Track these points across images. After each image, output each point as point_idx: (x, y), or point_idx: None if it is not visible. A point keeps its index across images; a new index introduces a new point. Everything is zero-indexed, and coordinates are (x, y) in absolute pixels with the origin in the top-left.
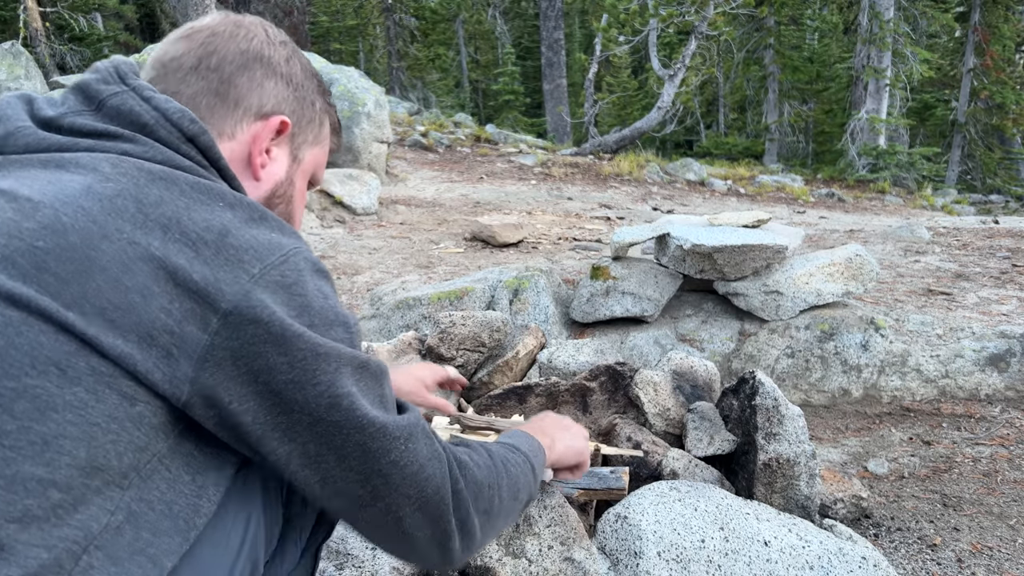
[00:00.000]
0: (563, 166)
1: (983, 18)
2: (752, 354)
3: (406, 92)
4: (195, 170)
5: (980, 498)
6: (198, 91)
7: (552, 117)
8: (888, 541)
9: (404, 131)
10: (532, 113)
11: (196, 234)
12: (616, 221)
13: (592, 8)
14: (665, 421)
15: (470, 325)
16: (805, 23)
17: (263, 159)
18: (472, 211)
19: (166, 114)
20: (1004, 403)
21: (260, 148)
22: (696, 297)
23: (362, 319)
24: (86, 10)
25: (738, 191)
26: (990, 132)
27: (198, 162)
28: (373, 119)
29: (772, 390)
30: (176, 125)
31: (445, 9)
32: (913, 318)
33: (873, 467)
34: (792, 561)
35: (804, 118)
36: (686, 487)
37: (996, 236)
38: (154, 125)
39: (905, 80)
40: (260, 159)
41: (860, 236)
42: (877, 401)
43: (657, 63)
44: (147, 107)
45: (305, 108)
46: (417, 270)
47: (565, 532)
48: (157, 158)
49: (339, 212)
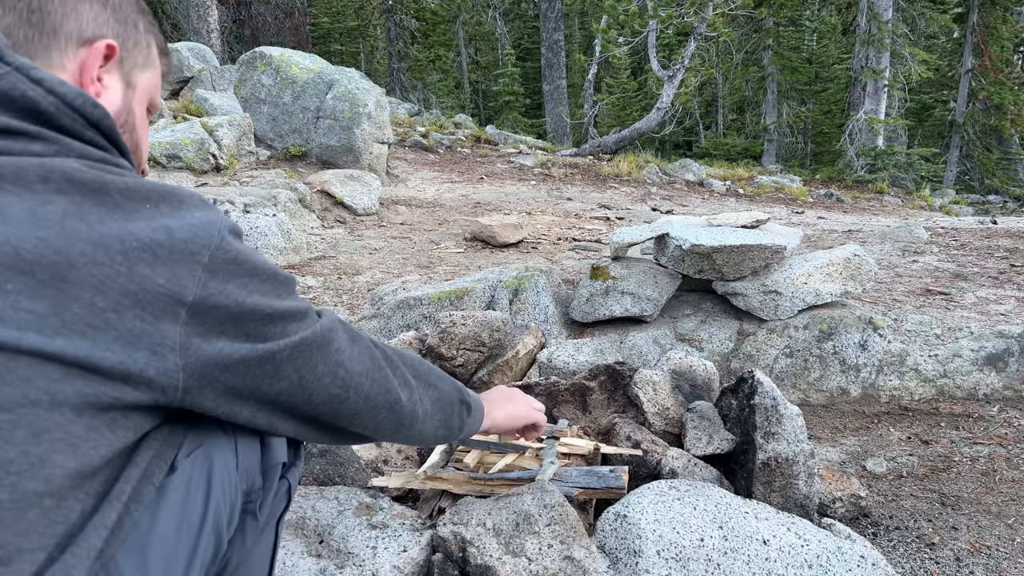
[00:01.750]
0: (563, 167)
1: (981, 19)
2: (751, 354)
3: (407, 93)
4: (108, 160)
5: (978, 497)
6: (11, 24)
7: (552, 118)
8: (887, 540)
9: (405, 132)
10: (532, 114)
11: (147, 242)
12: (615, 221)
13: (592, 10)
14: (664, 420)
15: (470, 325)
16: (804, 24)
17: (96, 87)
18: (472, 211)
19: (64, 99)
20: (1002, 403)
21: (91, 77)
22: (695, 297)
23: (363, 319)
24: None
25: (737, 191)
26: (988, 133)
27: (104, 147)
28: (374, 120)
29: (771, 389)
30: (79, 111)
31: (445, 10)
32: (911, 318)
33: (871, 466)
34: (791, 560)
35: (803, 119)
36: (685, 486)
37: (994, 236)
38: (55, 113)
39: (903, 81)
40: (93, 88)
41: (858, 236)
42: (875, 400)
43: (656, 64)
44: (41, 91)
45: (128, 30)
46: (417, 270)
47: (564, 531)
48: (71, 155)
49: (340, 212)
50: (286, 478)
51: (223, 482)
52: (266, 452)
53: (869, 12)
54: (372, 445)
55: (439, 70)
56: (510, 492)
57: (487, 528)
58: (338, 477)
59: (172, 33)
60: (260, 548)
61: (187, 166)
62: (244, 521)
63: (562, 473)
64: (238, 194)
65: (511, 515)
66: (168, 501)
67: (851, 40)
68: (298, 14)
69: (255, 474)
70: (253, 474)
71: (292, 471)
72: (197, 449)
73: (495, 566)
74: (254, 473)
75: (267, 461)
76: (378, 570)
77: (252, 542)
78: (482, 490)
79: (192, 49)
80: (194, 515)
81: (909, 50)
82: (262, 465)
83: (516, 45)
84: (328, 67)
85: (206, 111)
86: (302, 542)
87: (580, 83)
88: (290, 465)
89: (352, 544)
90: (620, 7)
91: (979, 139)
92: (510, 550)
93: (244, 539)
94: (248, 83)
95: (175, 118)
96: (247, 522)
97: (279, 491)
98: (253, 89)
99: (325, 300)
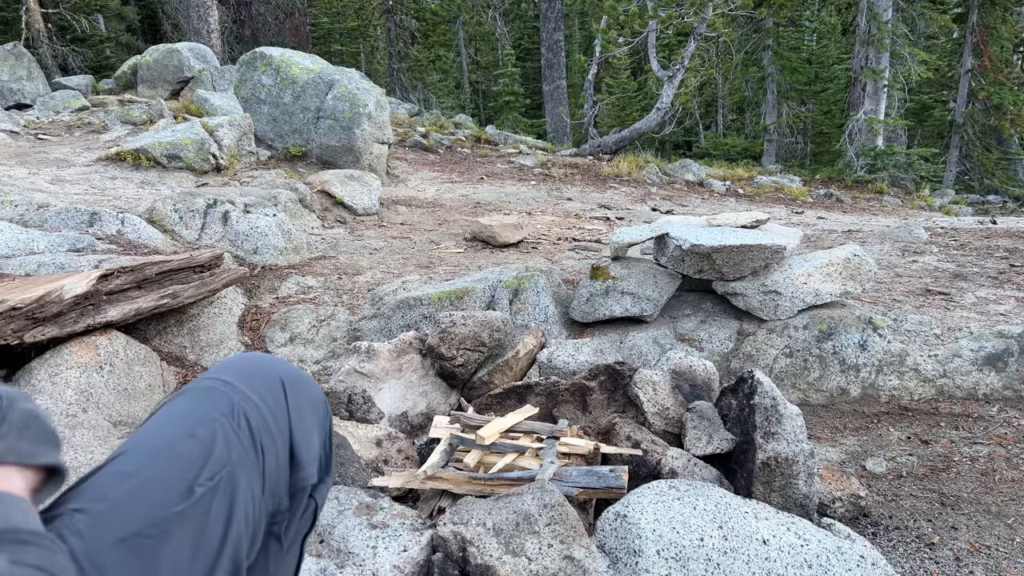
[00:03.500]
0: (563, 167)
1: (981, 19)
2: (751, 353)
3: (407, 93)
4: None
5: (978, 497)
6: None
7: (552, 118)
8: (886, 540)
9: (405, 132)
10: (532, 114)
11: None
12: (615, 221)
13: (592, 10)
14: (664, 420)
15: (470, 325)
16: (804, 24)
17: None
18: (472, 211)
19: None
20: (1002, 402)
21: None
22: (695, 297)
23: (363, 319)
24: (88, 11)
25: (737, 191)
26: (988, 133)
27: None
28: (374, 120)
29: (770, 389)
30: None
31: (445, 11)
32: (911, 318)
33: (871, 466)
34: (791, 559)
35: (802, 119)
36: (685, 486)
37: (994, 236)
38: None
39: (903, 81)
40: None
41: (858, 236)
42: (875, 400)
43: (656, 64)
44: None
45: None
46: (418, 270)
47: (564, 530)
48: None
49: (340, 212)
50: (313, 497)
51: (247, 506)
52: (296, 472)
53: (869, 12)
54: (373, 444)
55: (439, 70)
56: (510, 492)
57: (487, 528)
58: (338, 477)
59: (172, 33)
60: (283, 568)
61: (187, 166)
62: (268, 543)
63: (562, 473)
64: (238, 194)
65: (511, 515)
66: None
67: (851, 40)
68: (298, 14)
69: (282, 496)
70: (280, 495)
71: (320, 488)
72: (221, 471)
73: (495, 566)
74: (281, 494)
75: (296, 483)
76: (378, 570)
77: (275, 564)
78: (482, 490)
79: (192, 49)
80: (213, 540)
81: (909, 50)
82: (290, 487)
83: (516, 45)
84: (328, 67)
85: (206, 111)
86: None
87: (580, 83)
88: (318, 483)
89: (352, 544)
90: (620, 7)
91: (979, 139)
92: (510, 550)
93: (267, 561)
94: (248, 83)
95: (175, 118)
96: (271, 545)
97: (306, 511)
98: (253, 89)
99: (325, 300)
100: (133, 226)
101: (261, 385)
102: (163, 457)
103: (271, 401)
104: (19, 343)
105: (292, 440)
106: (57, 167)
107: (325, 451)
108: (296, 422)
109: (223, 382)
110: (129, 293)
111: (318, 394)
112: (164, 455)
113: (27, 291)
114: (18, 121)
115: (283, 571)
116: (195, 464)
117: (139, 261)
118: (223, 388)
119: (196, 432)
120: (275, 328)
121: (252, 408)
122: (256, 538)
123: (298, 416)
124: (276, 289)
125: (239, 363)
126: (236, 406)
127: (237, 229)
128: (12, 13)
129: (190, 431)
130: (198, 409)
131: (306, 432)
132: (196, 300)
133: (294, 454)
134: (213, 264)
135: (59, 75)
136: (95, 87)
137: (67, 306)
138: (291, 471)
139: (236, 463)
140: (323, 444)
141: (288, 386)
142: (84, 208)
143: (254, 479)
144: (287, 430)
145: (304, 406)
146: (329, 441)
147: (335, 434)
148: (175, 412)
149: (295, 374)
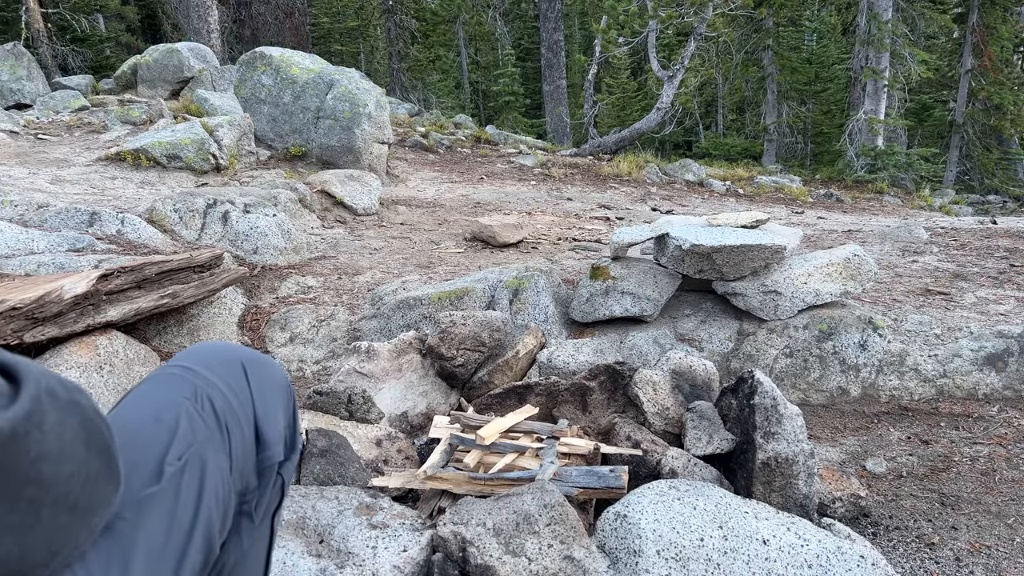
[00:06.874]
0: (563, 167)
1: (981, 19)
2: (751, 353)
3: (407, 93)
4: None
5: (978, 497)
6: None
7: (552, 118)
8: (886, 540)
9: (405, 132)
10: (532, 114)
11: None
12: (615, 221)
13: (592, 10)
14: (664, 420)
15: (470, 325)
16: (804, 24)
17: None
18: (472, 211)
19: None
20: (1002, 402)
21: None
22: (695, 297)
23: (363, 319)
24: (88, 11)
25: (737, 191)
26: (988, 133)
27: None
28: (374, 120)
29: (771, 389)
30: None
31: (445, 11)
32: (911, 318)
33: (871, 466)
34: (791, 560)
35: (802, 119)
36: (685, 486)
37: (994, 236)
38: None
39: (903, 81)
40: None
41: (858, 236)
42: (875, 400)
43: (656, 64)
44: None
45: None
46: (418, 270)
47: (564, 530)
48: None
49: (340, 212)
50: (280, 474)
51: (216, 483)
52: (262, 451)
53: (869, 12)
54: (373, 444)
55: (439, 70)
56: (510, 492)
57: (487, 528)
58: (338, 477)
59: (172, 33)
60: (257, 545)
61: (187, 166)
62: (239, 522)
63: (562, 473)
64: (238, 194)
65: (511, 515)
66: (156, 506)
67: (851, 40)
68: (298, 14)
69: (250, 475)
70: (248, 474)
71: (286, 466)
72: (188, 450)
73: (495, 566)
74: (249, 473)
75: (263, 461)
76: (378, 570)
77: (248, 541)
78: (482, 490)
79: (192, 49)
80: (185, 518)
81: (909, 50)
82: (257, 465)
83: (516, 45)
84: (328, 67)
85: (206, 111)
86: (302, 542)
87: (580, 83)
88: (284, 460)
89: (352, 544)
90: (620, 7)
91: (979, 139)
92: (510, 550)
93: (240, 540)
94: (248, 83)
95: (175, 118)
96: (242, 523)
97: (274, 487)
98: (253, 89)
99: (325, 300)
100: (133, 226)
101: (223, 369)
102: (130, 441)
103: (233, 384)
104: (19, 343)
105: (256, 420)
106: (57, 167)
107: (290, 430)
108: (259, 403)
109: (185, 368)
110: (129, 293)
111: (280, 375)
112: (131, 440)
113: (27, 291)
114: (18, 121)
115: (257, 547)
116: (162, 445)
117: (139, 261)
118: (185, 374)
119: (161, 416)
120: (275, 328)
121: (215, 391)
122: (227, 516)
123: (261, 397)
124: (276, 289)
125: (200, 350)
126: (199, 390)
127: (237, 229)
128: (12, 13)
129: (155, 415)
130: (162, 395)
131: (270, 412)
132: (196, 300)
133: (259, 434)
134: (213, 264)
135: (59, 75)
136: (95, 87)
137: (67, 306)
138: (257, 450)
139: (203, 443)
140: (288, 423)
141: (249, 369)
142: (84, 208)
143: (221, 458)
144: (251, 411)
145: (266, 387)
146: (294, 420)
147: (335, 434)
148: (139, 399)
149: (256, 357)
